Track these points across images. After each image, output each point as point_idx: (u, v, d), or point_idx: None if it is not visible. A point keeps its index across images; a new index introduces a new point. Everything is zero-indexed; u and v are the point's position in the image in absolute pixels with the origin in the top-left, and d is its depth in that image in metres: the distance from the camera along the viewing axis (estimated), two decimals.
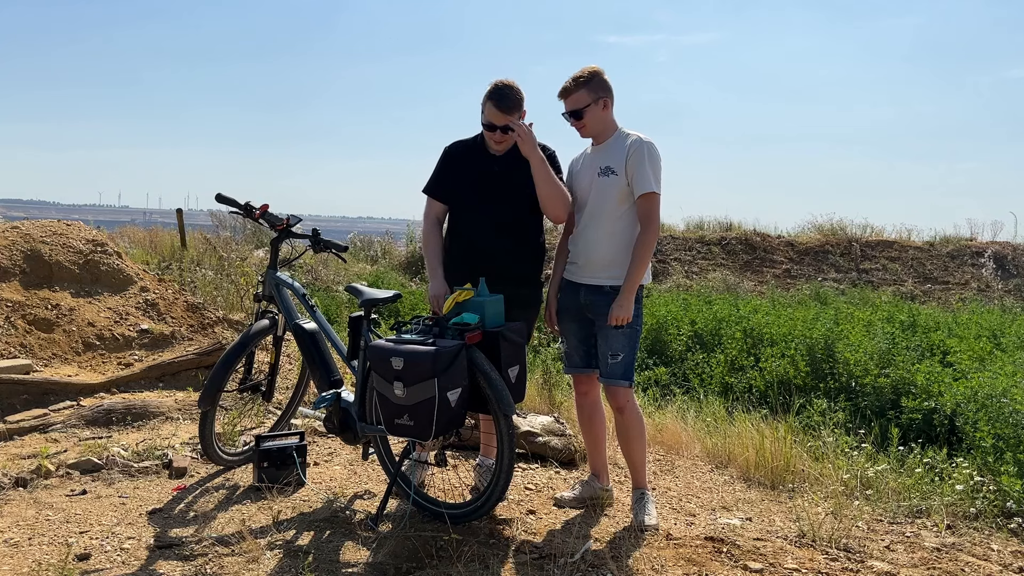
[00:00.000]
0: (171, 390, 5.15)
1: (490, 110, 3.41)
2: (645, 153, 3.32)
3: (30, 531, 3.15)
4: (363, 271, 14.19)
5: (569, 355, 3.62)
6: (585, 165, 3.53)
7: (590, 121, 3.43)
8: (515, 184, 3.51)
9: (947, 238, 16.38)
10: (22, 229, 6.05)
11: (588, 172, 3.48)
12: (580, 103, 3.40)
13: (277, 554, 3.00)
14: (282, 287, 3.92)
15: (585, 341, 3.55)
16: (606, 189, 3.39)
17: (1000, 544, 3.41)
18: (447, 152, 3.65)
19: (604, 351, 3.41)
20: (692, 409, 5.66)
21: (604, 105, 3.42)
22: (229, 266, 9.39)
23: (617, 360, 3.38)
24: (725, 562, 3.02)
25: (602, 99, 3.41)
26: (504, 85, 3.41)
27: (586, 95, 3.39)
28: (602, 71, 3.42)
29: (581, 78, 3.40)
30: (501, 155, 3.55)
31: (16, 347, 5.14)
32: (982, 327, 7.84)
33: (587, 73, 3.40)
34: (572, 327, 3.58)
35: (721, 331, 7.75)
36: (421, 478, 3.66)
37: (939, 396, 5.12)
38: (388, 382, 3.07)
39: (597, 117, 3.43)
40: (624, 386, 3.41)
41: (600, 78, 3.41)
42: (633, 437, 3.48)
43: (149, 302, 6.05)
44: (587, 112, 3.41)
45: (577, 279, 3.51)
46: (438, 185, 3.64)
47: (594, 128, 3.46)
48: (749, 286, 14.10)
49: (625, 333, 3.36)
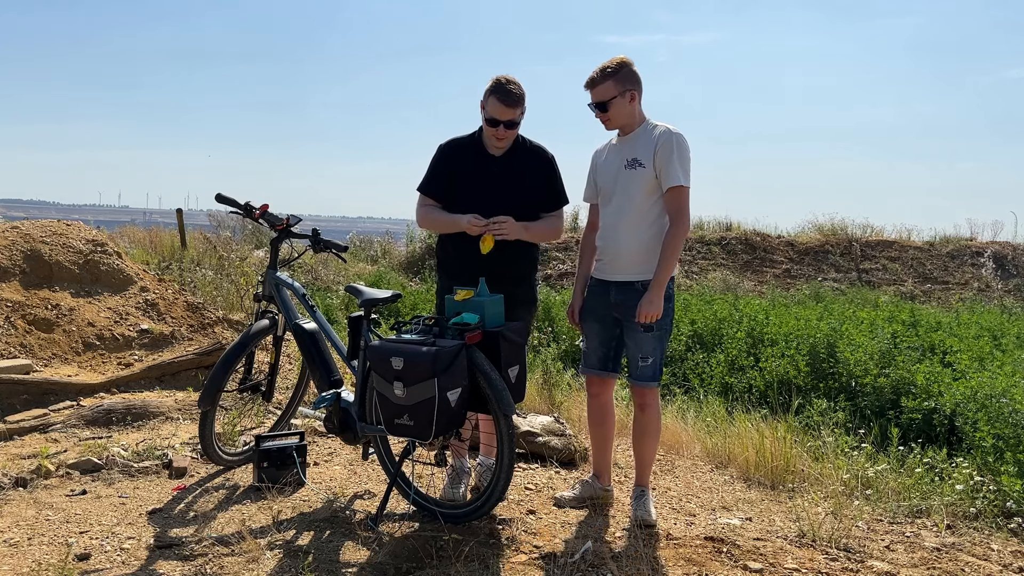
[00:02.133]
0: (171, 390, 5.15)
1: (493, 105, 3.37)
2: (674, 145, 3.25)
3: (30, 531, 3.15)
4: (363, 271, 14.20)
5: (587, 355, 3.57)
6: (610, 157, 3.46)
7: (615, 114, 3.34)
8: (512, 184, 3.50)
9: (947, 238, 16.39)
10: (22, 229, 6.05)
11: (614, 164, 3.41)
12: (606, 95, 3.31)
13: (277, 554, 3.00)
14: (282, 287, 3.92)
15: (606, 343, 3.51)
16: (633, 182, 3.31)
17: (1000, 544, 3.41)
18: (443, 150, 3.60)
19: (634, 354, 3.38)
20: (692, 409, 5.66)
21: (631, 97, 3.33)
22: (229, 266, 9.40)
23: (647, 363, 3.36)
24: (725, 562, 3.02)
25: (629, 91, 3.32)
26: (507, 80, 3.38)
27: (612, 87, 3.30)
28: (631, 62, 3.33)
29: (608, 69, 3.30)
30: (499, 155, 3.52)
31: (16, 347, 5.14)
32: (982, 327, 7.84)
33: (615, 64, 3.30)
34: (595, 327, 3.52)
35: (721, 331, 7.75)
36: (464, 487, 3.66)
37: (939, 396, 5.12)
38: (388, 382, 3.07)
39: (624, 110, 3.34)
40: (652, 387, 3.41)
41: (628, 69, 3.31)
42: (649, 434, 3.47)
43: (149, 302, 6.05)
44: (612, 104, 3.32)
45: (607, 276, 3.44)
46: (434, 183, 3.58)
47: (619, 121, 3.37)
48: (749, 286, 14.10)
49: (655, 336, 3.33)
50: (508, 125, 3.41)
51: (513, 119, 3.40)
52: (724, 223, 17.49)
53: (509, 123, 3.40)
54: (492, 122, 3.41)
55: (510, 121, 3.40)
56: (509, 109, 3.37)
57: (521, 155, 3.54)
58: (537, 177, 3.56)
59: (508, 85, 3.36)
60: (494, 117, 3.39)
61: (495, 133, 3.44)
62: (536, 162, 3.57)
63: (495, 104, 3.37)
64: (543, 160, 3.59)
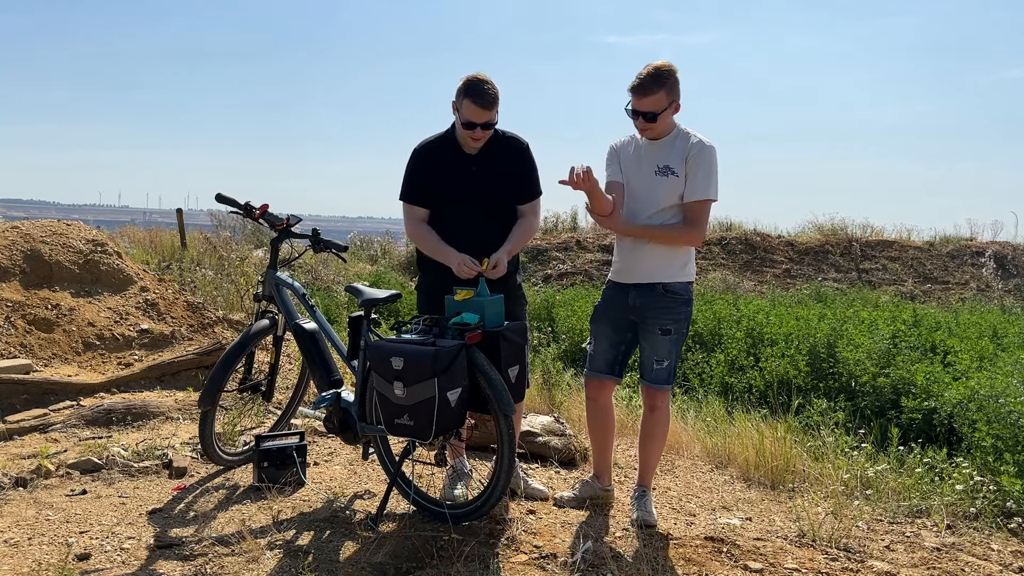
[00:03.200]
0: (171, 390, 5.15)
1: (468, 107, 3.25)
2: (708, 158, 3.22)
3: (30, 531, 3.15)
4: (363, 271, 14.20)
5: (594, 358, 3.53)
6: (639, 158, 3.36)
7: (662, 124, 3.24)
8: (491, 182, 3.42)
9: (947, 238, 16.39)
10: (22, 229, 6.04)
11: (643, 167, 3.33)
12: (659, 106, 3.18)
13: (277, 554, 3.00)
14: (282, 287, 3.92)
15: (616, 346, 3.49)
16: (664, 188, 3.27)
17: (1000, 544, 3.41)
18: (419, 153, 3.46)
19: (649, 356, 3.37)
20: (692, 409, 5.67)
21: (676, 108, 3.26)
22: (229, 266, 9.40)
23: (663, 366, 3.36)
24: (725, 562, 3.02)
25: (676, 103, 3.24)
26: (480, 80, 3.25)
27: (665, 97, 3.18)
28: (676, 69, 3.21)
29: (661, 77, 3.16)
30: (476, 154, 3.42)
31: (16, 347, 5.14)
32: (982, 327, 7.84)
33: (665, 71, 3.17)
34: (607, 330, 3.48)
35: (721, 331, 7.75)
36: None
37: (939, 396, 5.12)
38: (388, 382, 3.07)
39: (668, 121, 3.26)
40: (665, 390, 3.41)
41: (676, 78, 3.21)
42: (657, 435, 3.48)
43: (149, 302, 6.05)
44: (662, 116, 3.21)
45: (626, 279, 3.40)
46: (416, 190, 3.45)
47: (662, 131, 3.28)
48: (749, 286, 14.10)
49: (672, 339, 3.32)
50: (485, 127, 3.30)
51: (490, 120, 3.29)
52: (724, 223, 17.49)
53: (486, 125, 3.29)
54: (469, 125, 3.28)
55: (487, 123, 3.29)
56: (485, 111, 3.25)
57: (497, 149, 3.45)
58: (514, 169, 3.47)
59: (483, 85, 3.23)
60: (471, 120, 3.26)
61: (472, 135, 3.32)
62: (512, 153, 3.48)
63: (470, 106, 3.24)
64: (518, 150, 3.49)
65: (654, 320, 3.33)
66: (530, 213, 3.50)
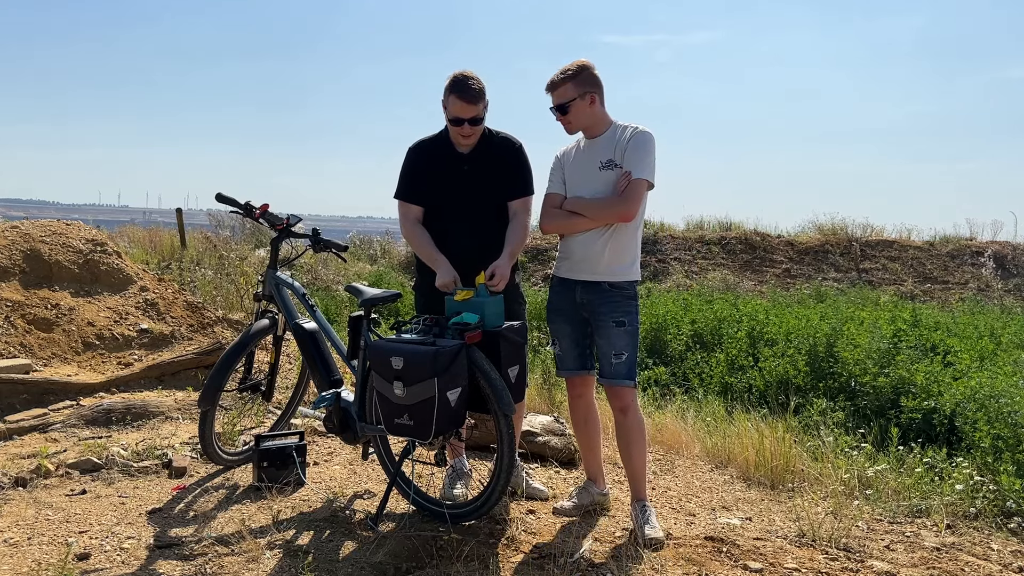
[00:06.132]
0: (171, 390, 5.15)
1: (455, 104, 3.28)
2: (642, 141, 3.27)
3: (30, 531, 3.15)
4: (363, 271, 14.20)
5: (561, 358, 3.54)
6: (580, 159, 3.43)
7: (575, 117, 3.34)
8: (485, 181, 3.43)
9: (947, 238, 16.39)
10: (22, 229, 6.04)
11: (585, 166, 3.39)
12: (566, 97, 3.31)
13: (277, 554, 3.00)
14: (282, 287, 3.92)
15: (579, 343, 3.49)
16: (609, 183, 3.30)
17: (1000, 544, 3.41)
18: (413, 152, 3.50)
19: (606, 351, 3.35)
20: (692, 409, 5.66)
21: (591, 100, 3.32)
22: (229, 266, 9.40)
23: (621, 360, 3.32)
24: (725, 562, 3.02)
25: (589, 94, 3.32)
26: (465, 76, 3.29)
27: (572, 89, 3.29)
28: (591, 65, 3.34)
29: (568, 72, 3.30)
30: (468, 152, 3.44)
31: (16, 347, 5.14)
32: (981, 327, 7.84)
33: (575, 67, 3.30)
34: (565, 328, 3.49)
35: (721, 331, 7.75)
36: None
37: (939, 396, 5.12)
38: (388, 382, 3.07)
39: (583, 112, 3.34)
40: (629, 386, 3.35)
41: (588, 72, 3.31)
42: (634, 440, 3.37)
43: (149, 302, 6.05)
44: (572, 107, 3.32)
45: (573, 276, 3.42)
46: (410, 189, 3.49)
47: (580, 123, 3.37)
48: (749, 286, 14.11)
49: (627, 331, 3.32)
50: (472, 122, 3.33)
51: (477, 115, 3.32)
52: (724, 223, 17.48)
53: (473, 120, 3.32)
54: (456, 121, 3.32)
55: (474, 118, 3.32)
56: (471, 106, 3.28)
57: (490, 149, 3.47)
58: (506, 167, 3.48)
59: (468, 81, 3.27)
60: (458, 116, 3.30)
61: (460, 131, 3.35)
62: (505, 153, 3.49)
63: (456, 102, 3.28)
64: (512, 150, 3.50)
65: (607, 314, 3.31)
66: (522, 211, 3.50)
